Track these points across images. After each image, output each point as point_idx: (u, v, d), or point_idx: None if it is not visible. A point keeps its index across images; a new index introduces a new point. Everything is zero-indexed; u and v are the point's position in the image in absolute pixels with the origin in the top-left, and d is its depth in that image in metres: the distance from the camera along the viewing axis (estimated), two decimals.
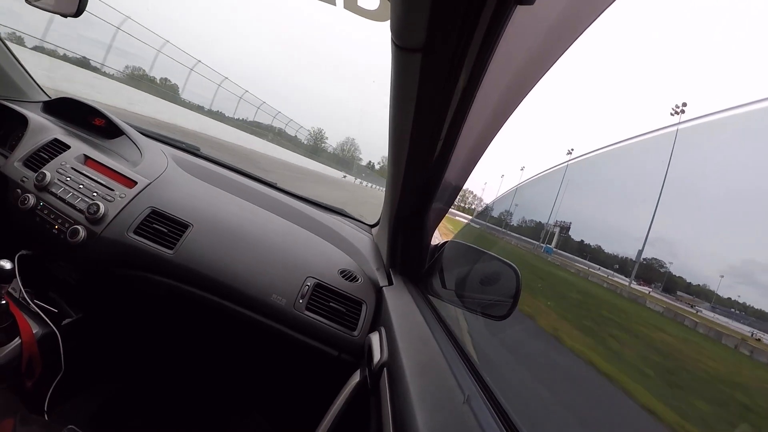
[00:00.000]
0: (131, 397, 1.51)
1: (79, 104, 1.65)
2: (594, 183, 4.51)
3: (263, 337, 1.13)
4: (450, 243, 1.22)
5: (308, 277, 1.18)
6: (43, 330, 1.13)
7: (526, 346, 2.32)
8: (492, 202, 36.44)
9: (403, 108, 0.65)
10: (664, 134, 0.65)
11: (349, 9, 1.83)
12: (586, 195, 5.77)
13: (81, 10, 1.22)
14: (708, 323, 2.73)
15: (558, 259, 6.53)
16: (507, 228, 9.36)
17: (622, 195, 4.56)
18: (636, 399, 1.61)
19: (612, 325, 4.24)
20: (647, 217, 3.36)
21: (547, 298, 4.24)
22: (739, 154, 0.84)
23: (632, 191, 3.89)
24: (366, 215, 1.79)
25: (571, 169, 1.04)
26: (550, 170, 1.01)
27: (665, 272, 3.85)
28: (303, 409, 1.37)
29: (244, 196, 1.47)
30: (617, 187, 4.03)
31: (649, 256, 4.05)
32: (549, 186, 5.02)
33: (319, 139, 48.61)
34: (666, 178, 2.37)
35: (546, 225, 7.48)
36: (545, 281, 5.58)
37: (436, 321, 0.99)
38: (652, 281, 3.98)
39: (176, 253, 1.13)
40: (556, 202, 6.53)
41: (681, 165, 1.77)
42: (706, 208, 2.90)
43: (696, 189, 3.14)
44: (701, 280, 3.01)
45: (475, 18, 0.46)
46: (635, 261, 4.30)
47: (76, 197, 1.21)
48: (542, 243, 7.48)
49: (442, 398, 0.63)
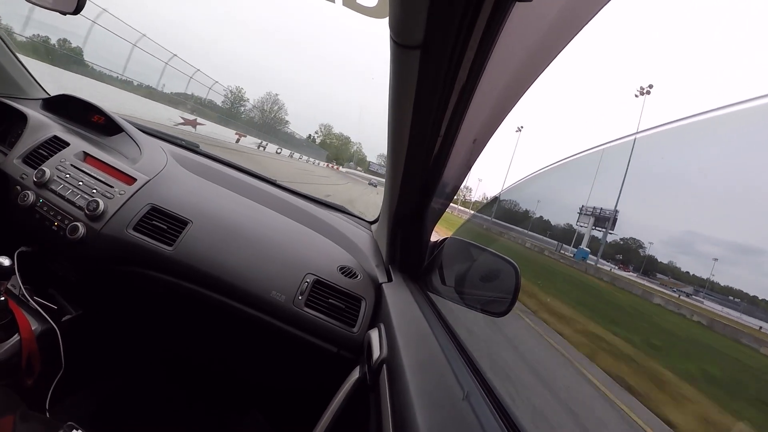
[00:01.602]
0: (131, 394, 1.52)
1: (79, 101, 1.65)
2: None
3: (262, 333, 1.13)
4: (449, 239, 1.22)
5: (308, 273, 1.19)
6: (42, 327, 1.13)
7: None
8: (497, 195, 33.82)
9: (402, 105, 0.65)
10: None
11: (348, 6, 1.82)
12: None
13: (80, 7, 1.22)
14: None
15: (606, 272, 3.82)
16: (517, 223, 7.55)
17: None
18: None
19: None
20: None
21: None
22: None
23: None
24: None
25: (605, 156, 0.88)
26: (569, 159, 0.93)
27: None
28: (302, 405, 1.37)
29: (243, 192, 1.47)
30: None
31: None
32: (566, 177, 3.67)
33: (238, 101, 37.02)
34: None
35: (584, 211, 5.19)
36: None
37: (435, 318, 0.99)
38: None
39: (176, 250, 1.14)
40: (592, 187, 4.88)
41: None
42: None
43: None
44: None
45: (473, 15, 0.46)
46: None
47: (75, 194, 1.21)
48: (563, 243, 5.75)
49: (441, 395, 0.63)
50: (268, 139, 32.85)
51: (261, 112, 49.02)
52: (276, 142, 35.40)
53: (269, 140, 33.14)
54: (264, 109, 50.65)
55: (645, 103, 6.41)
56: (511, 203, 5.96)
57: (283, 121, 54.04)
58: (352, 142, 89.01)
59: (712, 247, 4.04)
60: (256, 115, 45.76)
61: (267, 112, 50.78)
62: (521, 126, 69.76)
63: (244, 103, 39.45)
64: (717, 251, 3.47)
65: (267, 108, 51.65)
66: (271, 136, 36.93)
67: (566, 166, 0.88)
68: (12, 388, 1.07)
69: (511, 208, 6.04)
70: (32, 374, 1.10)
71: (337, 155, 79.39)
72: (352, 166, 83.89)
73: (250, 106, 41.99)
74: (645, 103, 6.41)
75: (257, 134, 32.97)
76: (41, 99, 1.66)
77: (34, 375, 1.10)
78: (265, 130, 38.95)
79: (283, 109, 54.20)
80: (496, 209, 5.90)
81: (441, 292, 1.16)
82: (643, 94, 8.46)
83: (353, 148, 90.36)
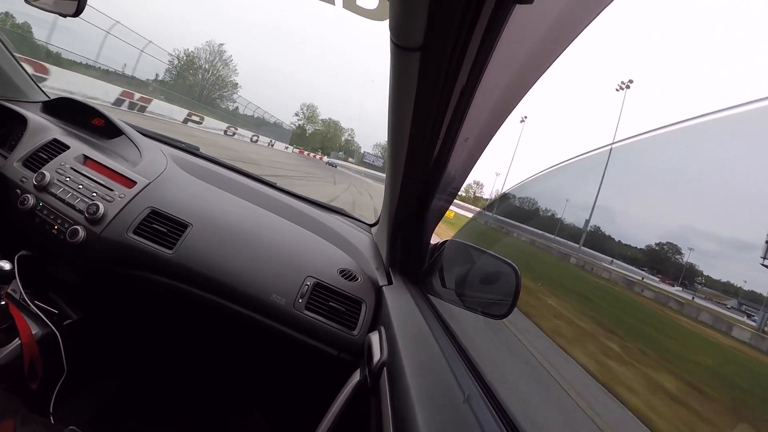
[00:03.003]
0: (132, 396, 1.51)
1: (79, 104, 1.65)
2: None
3: (263, 336, 1.13)
4: (450, 242, 1.22)
5: (308, 276, 1.18)
6: (42, 331, 1.13)
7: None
8: (502, 193, 31.26)
9: (402, 107, 0.65)
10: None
11: (348, 8, 1.83)
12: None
13: (80, 10, 1.23)
14: None
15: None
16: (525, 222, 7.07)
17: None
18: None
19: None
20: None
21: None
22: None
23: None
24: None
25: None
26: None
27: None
28: (303, 408, 1.37)
29: (243, 195, 1.47)
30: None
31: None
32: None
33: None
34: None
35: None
36: None
37: (435, 320, 0.99)
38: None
39: (176, 253, 1.13)
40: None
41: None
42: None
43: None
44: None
45: (474, 17, 0.46)
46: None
47: (75, 197, 1.21)
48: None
49: (442, 398, 0.63)
50: (210, 113, 22.94)
51: (196, 73, 31.80)
52: (223, 117, 25.42)
53: (214, 115, 23.59)
54: (201, 67, 32.14)
55: (626, 96, 6.17)
56: (526, 200, 5.24)
57: (230, 85, 35.59)
58: (341, 128, 74.46)
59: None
60: (189, 77, 30.54)
61: (205, 72, 32.54)
62: (525, 116, 64.75)
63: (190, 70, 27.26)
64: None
65: (206, 64, 32.51)
66: (212, 108, 25.96)
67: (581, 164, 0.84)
68: (13, 391, 1.07)
69: (524, 207, 5.32)
70: (36, 378, 1.10)
71: (323, 143, 69.91)
72: (340, 156, 70.02)
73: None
74: (626, 96, 6.17)
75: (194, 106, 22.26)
76: (41, 102, 1.66)
77: (37, 379, 1.10)
78: (204, 101, 27.53)
79: (230, 66, 35.77)
80: (506, 207, 5.30)
81: (441, 294, 1.16)
82: (623, 89, 8.45)
83: (343, 135, 76.07)
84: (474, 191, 66.34)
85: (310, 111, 65.83)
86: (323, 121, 70.82)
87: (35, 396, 1.11)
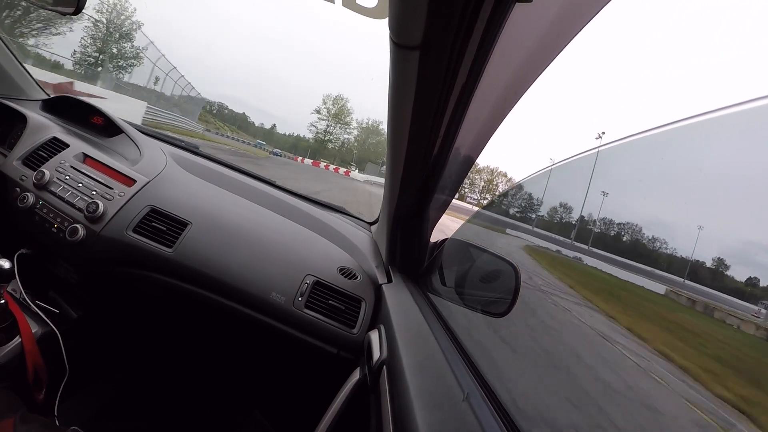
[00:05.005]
0: (132, 395, 1.52)
1: (79, 102, 1.65)
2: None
3: (263, 335, 1.13)
4: (449, 240, 1.22)
5: (307, 275, 1.18)
6: (42, 330, 1.13)
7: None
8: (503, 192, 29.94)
9: (401, 105, 0.65)
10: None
11: (348, 7, 1.83)
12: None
13: (80, 8, 1.22)
14: None
15: None
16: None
17: None
18: None
19: None
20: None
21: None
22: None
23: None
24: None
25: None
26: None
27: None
28: (303, 407, 1.37)
29: (243, 194, 1.47)
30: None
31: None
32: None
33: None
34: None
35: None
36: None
37: (435, 318, 0.99)
38: None
39: (175, 252, 1.13)
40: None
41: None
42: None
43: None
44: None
45: (473, 15, 0.46)
46: None
47: (75, 196, 1.21)
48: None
49: (441, 396, 0.63)
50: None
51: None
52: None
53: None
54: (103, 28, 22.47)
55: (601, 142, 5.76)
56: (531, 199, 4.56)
57: (133, 55, 23.86)
58: (380, 131, 49.90)
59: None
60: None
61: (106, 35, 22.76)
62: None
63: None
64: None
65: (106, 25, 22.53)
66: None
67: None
68: (13, 390, 1.07)
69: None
70: (41, 388, 1.09)
71: (360, 153, 49.40)
72: (382, 172, 35.31)
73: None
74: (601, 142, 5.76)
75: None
76: (41, 100, 1.66)
77: (42, 388, 1.10)
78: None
79: (131, 23, 24.23)
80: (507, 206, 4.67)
81: (441, 293, 1.16)
82: (599, 137, 8.36)
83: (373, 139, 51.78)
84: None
85: (338, 106, 43.73)
86: (358, 123, 50.48)
87: (43, 403, 1.11)
